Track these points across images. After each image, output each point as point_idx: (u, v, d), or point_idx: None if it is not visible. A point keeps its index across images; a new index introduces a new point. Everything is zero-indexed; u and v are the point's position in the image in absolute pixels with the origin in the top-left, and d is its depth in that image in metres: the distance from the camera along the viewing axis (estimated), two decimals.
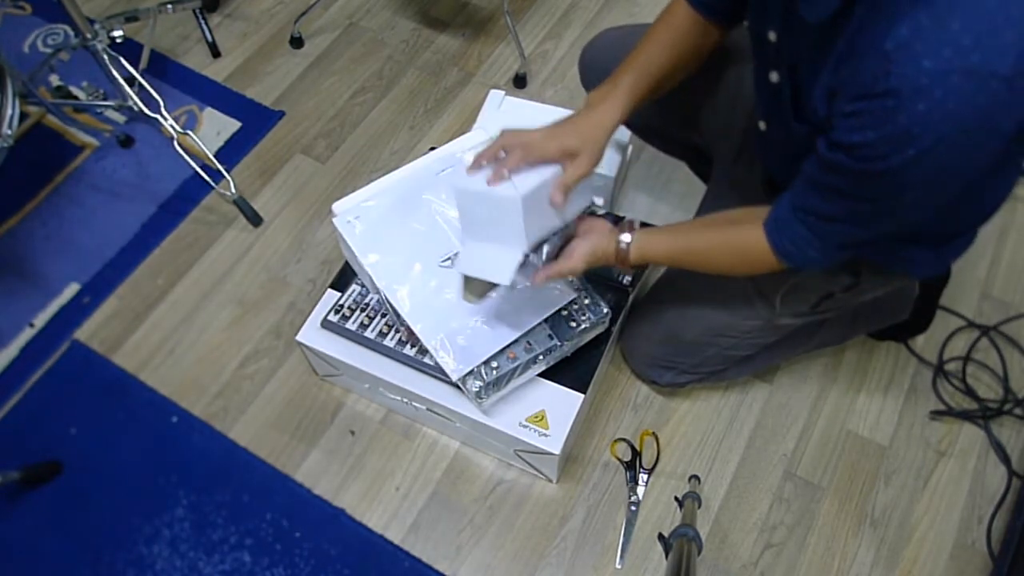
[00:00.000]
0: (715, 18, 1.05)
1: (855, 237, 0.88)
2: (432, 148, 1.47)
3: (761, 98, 1.00)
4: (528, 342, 1.17)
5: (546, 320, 1.18)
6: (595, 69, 1.28)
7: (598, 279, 1.29)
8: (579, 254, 1.04)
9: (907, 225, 0.89)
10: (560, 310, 1.19)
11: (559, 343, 1.17)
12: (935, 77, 0.66)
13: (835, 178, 0.81)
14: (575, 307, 1.20)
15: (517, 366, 1.15)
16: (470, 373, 1.14)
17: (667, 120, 1.27)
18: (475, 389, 1.13)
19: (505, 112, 1.51)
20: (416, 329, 1.18)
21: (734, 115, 1.18)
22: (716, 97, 1.19)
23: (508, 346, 1.16)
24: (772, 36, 0.89)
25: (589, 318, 1.19)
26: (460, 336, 1.16)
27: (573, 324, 1.18)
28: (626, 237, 1.05)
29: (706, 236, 1.03)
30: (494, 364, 1.15)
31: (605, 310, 1.20)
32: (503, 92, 1.53)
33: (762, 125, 1.03)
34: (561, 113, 1.53)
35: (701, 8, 1.04)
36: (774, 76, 0.92)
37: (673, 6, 1.07)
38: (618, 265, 1.07)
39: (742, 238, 0.98)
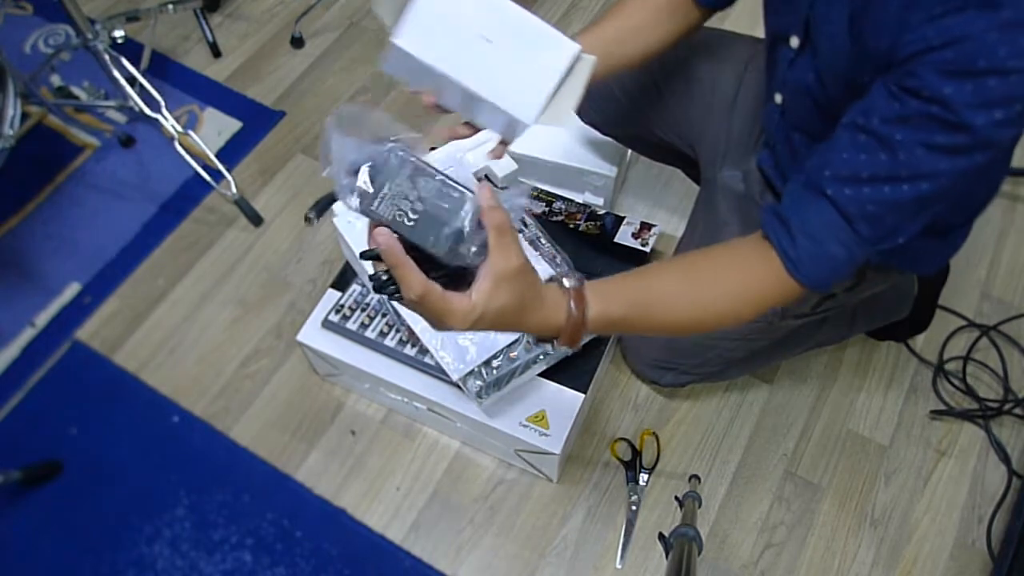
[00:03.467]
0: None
1: (898, 211, 0.74)
2: (433, 148, 1.47)
3: (776, 70, 0.95)
4: (528, 342, 1.17)
5: None
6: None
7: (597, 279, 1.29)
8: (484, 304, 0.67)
9: (961, 191, 0.74)
10: None
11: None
12: None
13: (906, 104, 0.69)
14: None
15: (517, 366, 1.16)
16: (470, 373, 1.14)
17: (647, 129, 1.26)
18: (475, 389, 1.14)
19: None
20: (416, 329, 1.18)
21: (713, 117, 1.17)
22: (692, 101, 1.18)
23: (508, 346, 1.16)
24: None
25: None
26: (460, 336, 1.16)
27: None
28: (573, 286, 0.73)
29: (682, 265, 0.83)
30: (494, 364, 1.15)
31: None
32: None
33: (778, 98, 0.98)
34: None
35: None
36: (794, 41, 0.88)
37: None
38: (566, 334, 0.72)
39: (735, 260, 0.81)
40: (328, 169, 0.66)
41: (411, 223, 0.64)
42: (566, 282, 0.74)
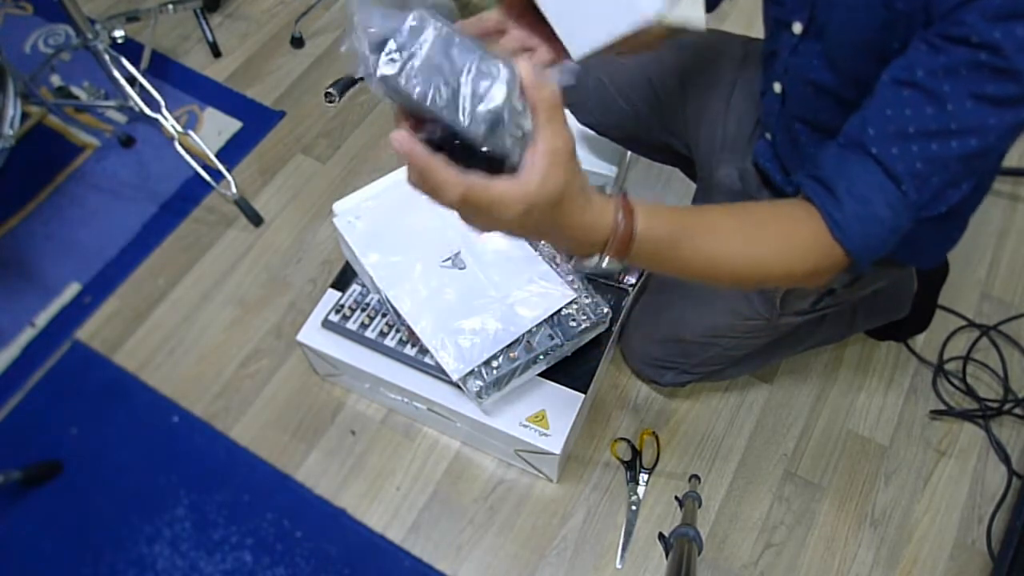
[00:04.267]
0: None
1: (947, 168, 0.71)
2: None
3: (776, 59, 0.94)
4: (528, 342, 1.17)
5: (546, 320, 1.18)
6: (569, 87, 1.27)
7: (598, 279, 1.29)
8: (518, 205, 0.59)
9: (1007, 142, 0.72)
10: (560, 310, 1.19)
11: (560, 343, 1.17)
12: None
13: (951, 54, 0.67)
14: (575, 307, 1.20)
15: (517, 366, 1.15)
16: (470, 373, 1.14)
17: (644, 130, 1.26)
18: (475, 389, 1.14)
19: None
20: (416, 329, 1.18)
21: (708, 118, 1.17)
22: (687, 102, 1.18)
23: (509, 346, 1.16)
24: None
25: (589, 318, 1.19)
26: (460, 336, 1.16)
27: (573, 324, 1.18)
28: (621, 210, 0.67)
29: (746, 215, 0.78)
30: (494, 364, 1.15)
31: (605, 310, 1.20)
32: None
33: (777, 87, 0.97)
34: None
35: None
36: (797, 27, 0.87)
37: None
38: (611, 252, 0.67)
39: (784, 219, 0.77)
40: (348, 42, 0.56)
41: (443, 101, 0.54)
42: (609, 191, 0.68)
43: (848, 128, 0.75)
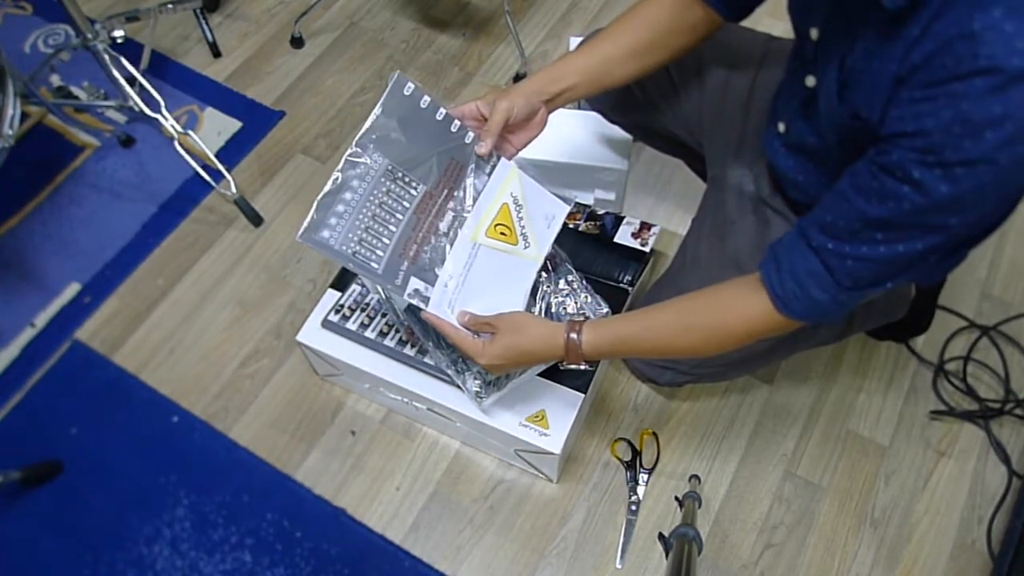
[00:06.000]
0: (720, 7, 1.01)
1: (875, 268, 0.80)
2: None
3: (788, 101, 0.97)
4: None
5: (549, 318, 1.18)
6: None
7: (597, 279, 1.29)
8: (496, 347, 0.99)
9: (942, 253, 0.79)
10: (561, 309, 1.19)
11: None
12: None
13: (879, 182, 0.75)
14: (575, 305, 1.20)
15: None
16: (469, 372, 1.14)
17: (657, 121, 1.26)
18: (475, 389, 1.13)
19: None
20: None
21: (727, 117, 1.17)
22: (705, 99, 1.18)
23: None
24: (814, 34, 0.86)
25: (589, 317, 1.19)
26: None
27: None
28: (574, 334, 0.97)
29: (677, 305, 0.95)
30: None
31: (605, 309, 1.20)
32: None
33: (781, 127, 1.00)
34: (560, 114, 1.55)
35: None
36: (810, 80, 0.90)
37: None
38: (567, 356, 0.98)
39: (721, 294, 0.91)
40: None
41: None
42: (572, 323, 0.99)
43: (805, 216, 0.84)
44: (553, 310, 1.18)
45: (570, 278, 1.21)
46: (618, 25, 1.06)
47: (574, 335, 0.97)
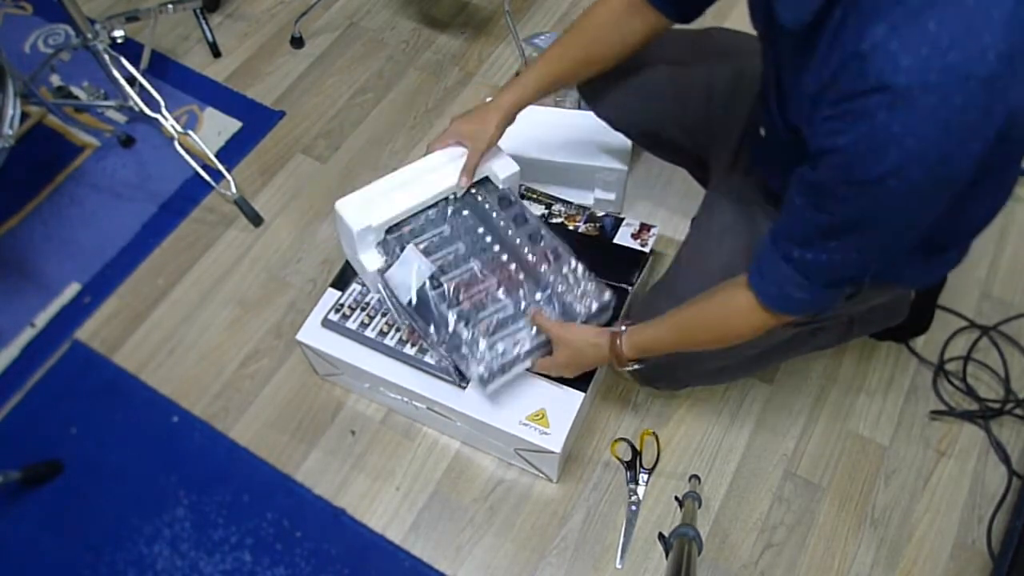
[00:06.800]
0: (667, 8, 1.06)
1: (840, 270, 0.85)
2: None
3: (765, 103, 0.99)
4: (534, 329, 1.16)
5: (551, 305, 1.17)
6: (592, 80, 1.27)
7: (600, 280, 1.29)
8: (571, 328, 1.13)
9: (893, 251, 0.84)
10: (564, 296, 1.18)
11: None
12: (912, 75, 0.65)
13: (815, 197, 0.79)
14: (578, 292, 1.19)
15: (521, 353, 1.14)
16: (473, 358, 1.13)
17: (663, 129, 1.26)
18: (482, 372, 1.12)
19: None
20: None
21: (729, 122, 1.17)
22: (712, 104, 1.19)
23: (511, 330, 1.16)
24: (760, 38, 0.89)
25: (593, 304, 1.18)
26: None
27: (579, 309, 1.17)
28: (620, 328, 1.08)
29: (692, 306, 1.02)
30: (500, 349, 1.14)
31: (607, 295, 1.19)
32: None
33: (762, 131, 1.02)
34: (561, 114, 1.55)
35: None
36: (772, 80, 0.91)
37: None
38: (615, 361, 1.09)
39: (723, 295, 0.97)
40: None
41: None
42: (614, 330, 1.08)
43: (773, 227, 0.88)
44: (563, 306, 1.18)
45: (573, 264, 1.20)
46: (568, 40, 1.15)
47: (618, 342, 1.07)
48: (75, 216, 1.62)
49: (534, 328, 1.16)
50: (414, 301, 1.18)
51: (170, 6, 1.74)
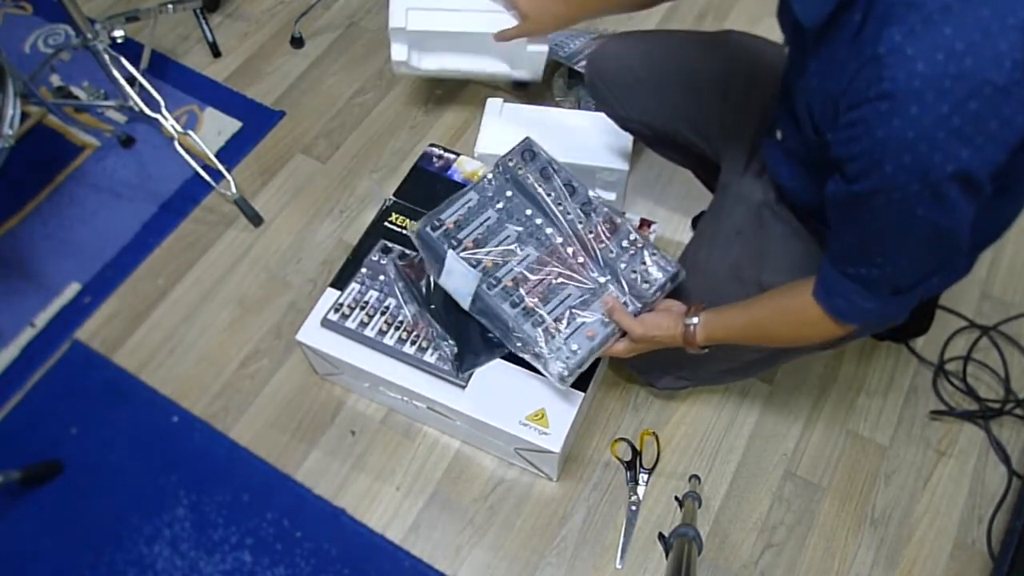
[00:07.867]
0: None
1: (900, 278, 0.83)
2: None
3: (786, 105, 0.98)
4: (603, 316, 1.13)
5: (620, 285, 1.15)
6: (605, 80, 1.27)
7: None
8: (648, 322, 1.10)
9: (944, 256, 0.82)
10: (628, 274, 1.16)
11: (637, 307, 1.14)
12: (928, 80, 0.65)
13: (845, 209, 0.79)
14: (643, 266, 1.16)
15: (596, 345, 1.13)
16: (551, 355, 1.12)
17: (677, 128, 1.26)
18: (558, 371, 1.11)
19: (506, 118, 1.52)
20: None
21: (743, 124, 1.17)
22: (727, 105, 1.18)
23: (583, 323, 1.14)
24: (786, 42, 0.88)
25: (659, 278, 1.15)
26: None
27: (646, 285, 1.15)
28: (693, 319, 1.05)
29: (767, 306, 1.01)
30: (574, 347, 1.12)
31: (672, 269, 1.16)
32: (501, 100, 1.54)
33: (779, 134, 1.01)
34: (562, 114, 1.55)
35: None
36: (795, 81, 0.90)
37: None
38: (687, 346, 1.07)
39: (796, 304, 0.95)
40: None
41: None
42: (690, 316, 1.06)
43: (827, 248, 0.88)
44: (629, 285, 1.15)
45: (632, 236, 1.18)
46: None
47: (691, 324, 1.05)
48: (75, 216, 1.62)
49: (602, 313, 1.14)
50: (468, 308, 1.18)
51: (170, 6, 1.74)
